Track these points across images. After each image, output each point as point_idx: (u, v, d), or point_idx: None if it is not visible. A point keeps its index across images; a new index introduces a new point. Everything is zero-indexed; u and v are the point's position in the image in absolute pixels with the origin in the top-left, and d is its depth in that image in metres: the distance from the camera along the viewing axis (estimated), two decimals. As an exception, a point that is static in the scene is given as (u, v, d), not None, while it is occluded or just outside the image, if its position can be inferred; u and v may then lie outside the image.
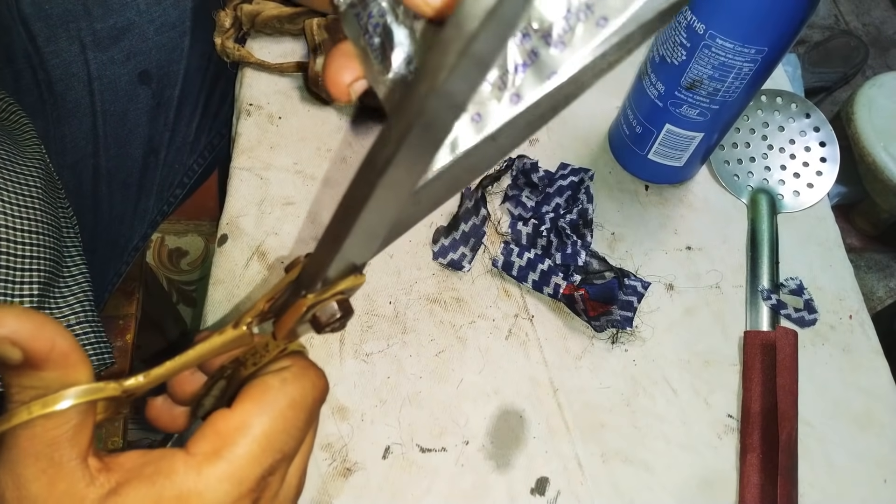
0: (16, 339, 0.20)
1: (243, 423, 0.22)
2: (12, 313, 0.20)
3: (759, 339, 0.45)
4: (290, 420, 0.23)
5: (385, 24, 0.22)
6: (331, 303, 0.23)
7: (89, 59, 0.52)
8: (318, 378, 0.24)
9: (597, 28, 0.17)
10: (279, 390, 0.23)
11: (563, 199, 0.49)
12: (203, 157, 0.60)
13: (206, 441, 0.22)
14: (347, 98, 0.24)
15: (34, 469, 0.20)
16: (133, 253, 0.59)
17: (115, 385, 0.22)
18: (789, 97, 0.54)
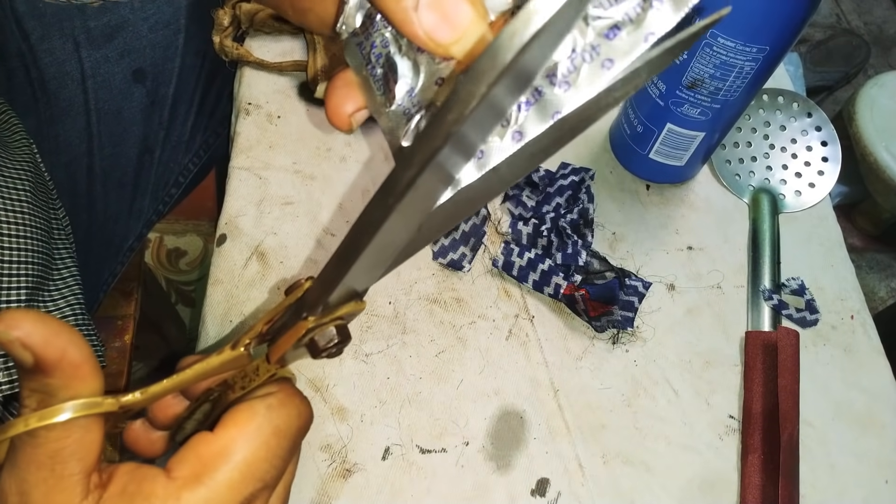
0: (28, 342, 0.20)
1: (225, 448, 0.22)
2: (29, 317, 0.20)
3: (760, 339, 0.45)
4: (273, 448, 0.22)
5: (388, 54, 0.22)
6: (329, 327, 0.22)
7: (83, 58, 0.51)
8: (303, 407, 0.24)
9: (602, 70, 0.17)
10: (264, 417, 0.22)
11: (564, 199, 0.49)
12: (198, 157, 0.60)
13: (186, 464, 0.21)
14: (349, 128, 0.24)
15: (36, 477, 0.20)
16: (128, 253, 0.59)
17: (112, 401, 0.22)
18: (791, 96, 0.53)
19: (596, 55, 0.17)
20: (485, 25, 0.19)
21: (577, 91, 0.18)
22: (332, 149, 0.51)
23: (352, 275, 0.20)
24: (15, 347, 0.20)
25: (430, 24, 0.19)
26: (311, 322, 0.22)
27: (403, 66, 0.22)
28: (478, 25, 0.19)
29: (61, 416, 0.20)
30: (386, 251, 0.20)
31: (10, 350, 0.20)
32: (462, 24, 0.19)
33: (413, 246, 0.22)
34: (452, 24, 0.19)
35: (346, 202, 0.49)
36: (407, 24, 0.19)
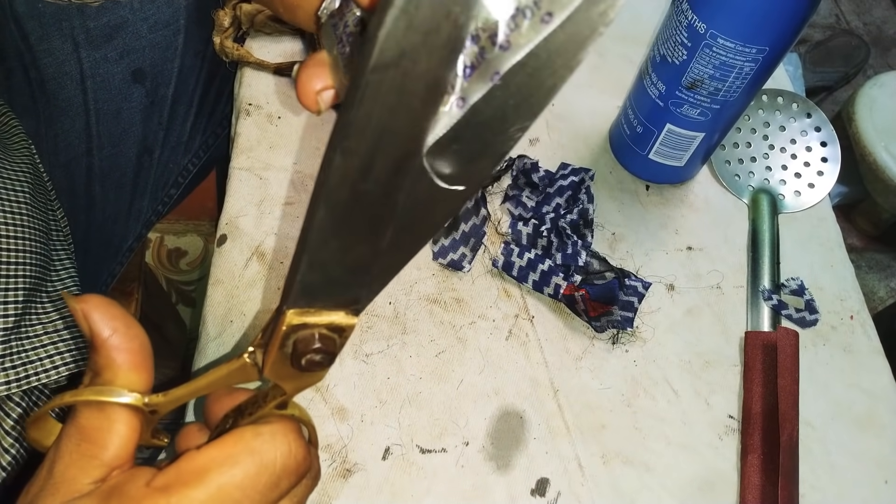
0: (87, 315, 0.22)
1: (201, 467, 0.21)
2: (97, 297, 0.23)
3: (760, 339, 0.45)
4: (251, 478, 0.22)
5: (357, 33, 0.22)
6: (313, 332, 0.21)
7: (82, 58, 0.51)
8: (296, 447, 0.23)
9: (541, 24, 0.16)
10: (248, 443, 0.22)
11: (564, 199, 0.49)
12: (198, 157, 0.60)
13: (165, 475, 0.21)
14: (316, 107, 0.24)
15: (65, 448, 0.22)
16: (128, 253, 0.58)
17: (138, 396, 0.22)
18: (790, 97, 0.54)
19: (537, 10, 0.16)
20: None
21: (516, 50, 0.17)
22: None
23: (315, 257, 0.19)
24: (78, 316, 0.22)
25: None
26: (290, 316, 0.20)
27: None
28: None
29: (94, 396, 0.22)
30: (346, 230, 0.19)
31: (76, 319, 0.23)
32: None
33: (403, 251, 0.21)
34: None
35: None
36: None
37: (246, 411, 0.24)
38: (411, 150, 0.17)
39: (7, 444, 0.38)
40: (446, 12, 0.15)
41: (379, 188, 0.18)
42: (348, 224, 0.18)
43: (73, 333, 0.43)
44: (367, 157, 0.17)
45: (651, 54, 0.46)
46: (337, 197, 0.17)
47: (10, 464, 0.38)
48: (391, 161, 0.17)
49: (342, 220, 0.18)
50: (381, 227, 0.19)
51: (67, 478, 0.21)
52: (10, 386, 0.38)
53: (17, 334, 0.39)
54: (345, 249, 0.19)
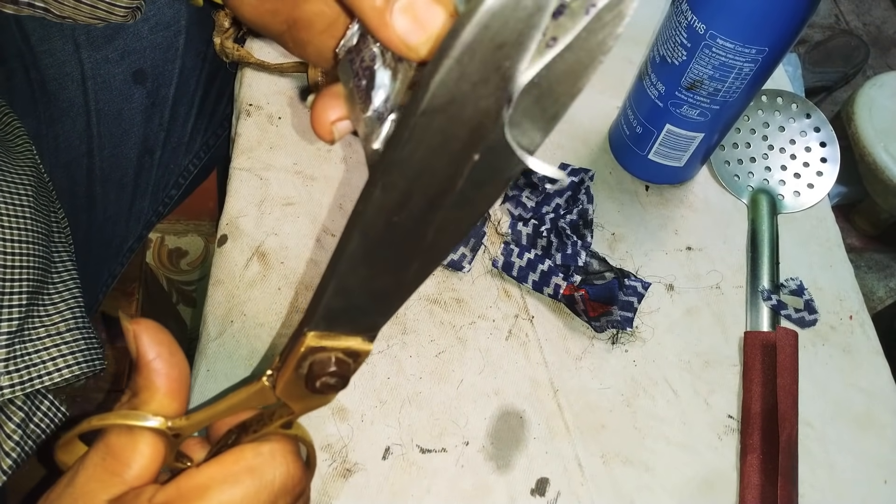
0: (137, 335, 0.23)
1: (204, 485, 0.22)
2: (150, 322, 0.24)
3: (759, 339, 0.45)
4: (249, 497, 0.22)
5: (372, 68, 0.23)
6: (330, 356, 0.22)
7: (83, 59, 0.51)
8: (294, 468, 0.23)
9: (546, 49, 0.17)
10: (249, 462, 0.22)
11: (564, 200, 0.49)
12: (199, 158, 0.60)
13: (165, 492, 0.22)
14: (330, 137, 0.24)
15: (90, 461, 0.23)
16: (128, 254, 0.59)
17: (161, 420, 0.23)
18: (790, 97, 0.54)
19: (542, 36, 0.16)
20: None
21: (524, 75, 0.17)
22: (332, 150, 0.51)
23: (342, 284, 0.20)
24: (129, 336, 0.24)
25: (402, 27, 0.19)
26: (309, 339, 0.21)
27: (383, 75, 0.22)
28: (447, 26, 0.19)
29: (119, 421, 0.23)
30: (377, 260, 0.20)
31: (127, 339, 0.24)
32: (432, 27, 0.19)
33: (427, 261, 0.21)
34: (424, 26, 0.19)
35: (347, 203, 0.49)
36: (382, 28, 0.20)
37: (250, 428, 0.24)
38: (447, 188, 0.18)
39: (8, 448, 0.38)
40: (497, 66, 0.15)
41: (412, 222, 0.18)
42: (379, 254, 0.19)
43: (74, 336, 0.43)
44: (406, 192, 0.17)
45: (651, 55, 0.46)
46: (372, 228, 0.18)
47: (11, 467, 0.38)
48: (427, 197, 0.18)
49: (374, 251, 0.19)
50: (409, 258, 0.20)
51: (87, 490, 0.22)
52: (14, 389, 0.38)
53: (20, 337, 0.39)
54: (371, 278, 0.20)
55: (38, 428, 0.40)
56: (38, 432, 0.40)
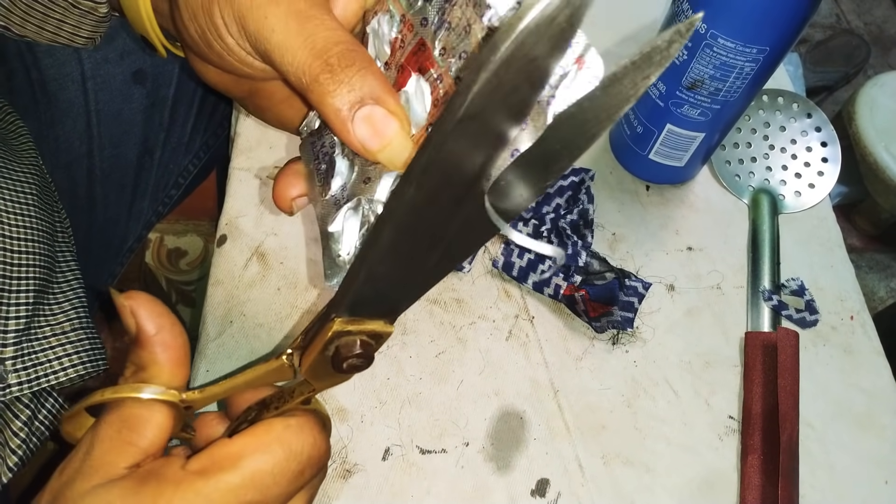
0: (135, 311, 0.24)
1: (235, 453, 0.23)
2: (144, 295, 0.24)
3: (760, 339, 0.45)
4: (280, 465, 0.23)
5: (332, 154, 0.26)
6: (355, 339, 0.23)
7: (83, 59, 0.51)
8: (320, 440, 0.25)
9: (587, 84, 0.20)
10: (279, 434, 0.24)
11: (564, 200, 0.49)
12: (198, 158, 0.60)
13: (198, 460, 0.23)
14: (290, 210, 0.28)
15: (105, 433, 0.23)
16: (128, 254, 0.59)
17: (175, 393, 0.24)
18: (791, 97, 0.53)
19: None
20: (407, 138, 0.23)
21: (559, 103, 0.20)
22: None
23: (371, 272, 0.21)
24: (125, 312, 0.24)
25: (362, 134, 0.23)
26: (337, 324, 0.23)
27: (342, 164, 0.25)
28: (401, 137, 0.23)
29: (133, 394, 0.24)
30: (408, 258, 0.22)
31: (122, 314, 0.24)
32: (388, 136, 0.23)
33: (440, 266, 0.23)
34: (380, 135, 0.23)
35: (347, 203, 0.49)
36: (344, 133, 0.23)
37: (272, 405, 0.26)
38: (473, 186, 0.20)
39: (14, 446, 0.39)
40: (528, 76, 0.17)
41: (440, 217, 0.20)
42: (408, 246, 0.21)
43: (79, 336, 0.43)
44: (437, 190, 0.19)
45: (651, 55, 0.46)
46: (405, 222, 0.20)
47: (17, 464, 0.38)
48: (454, 195, 0.20)
49: (404, 242, 0.21)
50: (434, 249, 0.21)
51: (106, 461, 0.23)
52: (21, 387, 0.39)
53: (27, 336, 0.40)
54: (399, 268, 0.22)
55: (42, 425, 0.41)
56: (42, 430, 0.41)
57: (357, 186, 0.25)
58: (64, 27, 0.39)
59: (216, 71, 0.29)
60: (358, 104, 0.23)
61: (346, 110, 0.23)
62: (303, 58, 0.23)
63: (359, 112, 0.23)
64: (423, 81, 0.24)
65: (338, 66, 0.23)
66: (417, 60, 0.24)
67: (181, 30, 0.27)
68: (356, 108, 0.23)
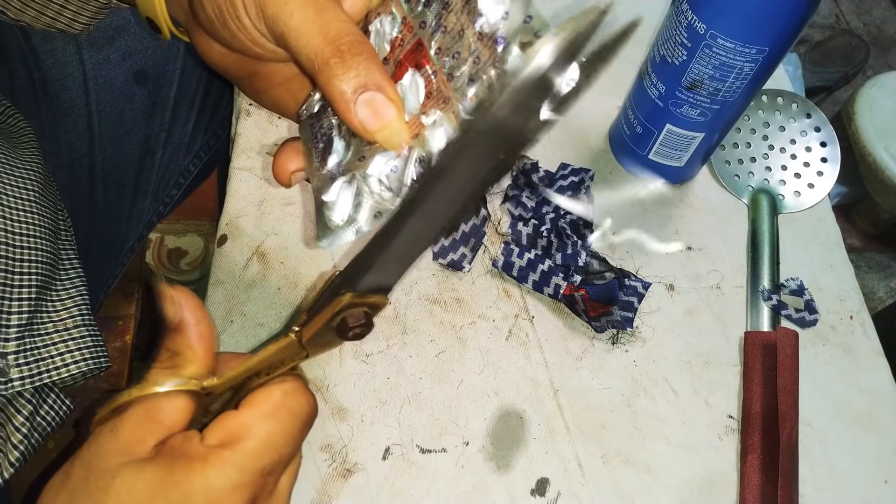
0: (180, 301, 0.26)
1: (248, 422, 0.26)
2: (185, 290, 0.27)
3: (759, 339, 0.45)
4: (288, 426, 0.26)
5: (330, 135, 0.29)
6: (359, 310, 0.27)
7: (84, 59, 0.51)
8: (311, 399, 0.28)
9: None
10: (281, 399, 0.26)
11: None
12: (199, 158, 0.60)
13: (214, 434, 0.25)
14: (288, 183, 0.31)
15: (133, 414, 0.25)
16: (129, 254, 0.59)
17: (196, 381, 0.26)
18: (790, 97, 0.54)
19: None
20: (402, 121, 0.26)
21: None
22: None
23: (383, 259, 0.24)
24: (169, 301, 0.26)
25: (363, 115, 0.26)
26: (347, 298, 0.26)
27: (339, 144, 0.29)
28: (398, 121, 0.26)
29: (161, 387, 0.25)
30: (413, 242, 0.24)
31: (166, 303, 0.26)
32: (386, 118, 0.26)
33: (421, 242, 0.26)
34: (379, 117, 0.26)
35: (347, 203, 0.49)
36: (346, 112, 0.26)
37: (262, 373, 0.28)
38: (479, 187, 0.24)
39: (16, 441, 0.39)
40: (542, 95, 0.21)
41: (454, 208, 0.23)
42: (423, 234, 0.24)
43: (81, 333, 0.43)
44: (455, 187, 0.23)
45: (651, 55, 0.46)
46: (429, 212, 0.23)
47: (18, 460, 0.38)
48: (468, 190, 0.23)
49: (422, 230, 0.24)
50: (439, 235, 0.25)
51: (134, 438, 0.25)
52: (24, 382, 0.39)
53: (29, 331, 0.40)
54: (409, 253, 0.25)
55: (44, 421, 0.41)
56: (44, 425, 0.41)
57: (352, 163, 0.28)
58: (64, 13, 0.40)
59: (221, 51, 0.31)
60: (362, 88, 0.26)
61: (350, 93, 0.26)
62: (317, 42, 0.26)
63: (362, 96, 0.26)
64: (418, 76, 0.27)
65: (347, 53, 0.26)
66: (415, 58, 0.27)
67: (196, 8, 0.29)
68: (360, 91, 0.26)
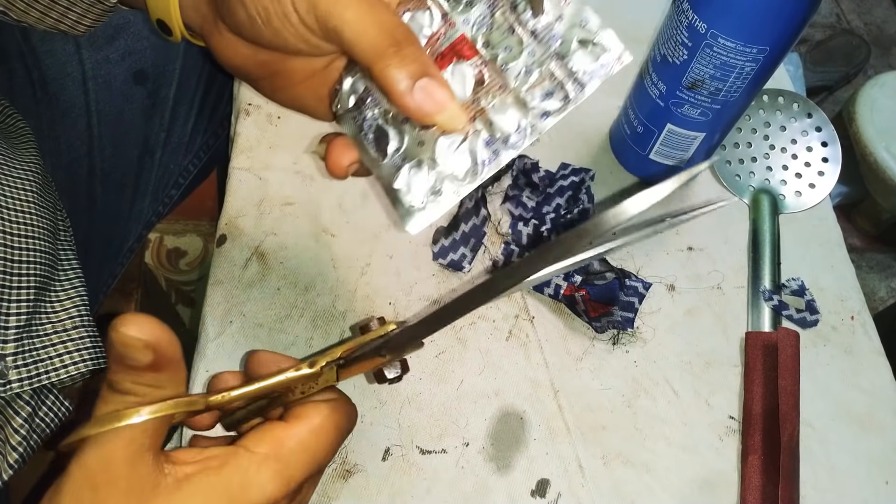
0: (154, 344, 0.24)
1: (299, 436, 0.27)
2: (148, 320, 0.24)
3: (760, 339, 0.45)
4: (333, 441, 0.28)
5: (378, 125, 0.31)
6: (395, 362, 0.29)
7: (84, 59, 0.51)
8: (353, 411, 0.30)
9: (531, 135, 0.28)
10: (329, 416, 0.28)
11: (564, 200, 0.49)
12: (198, 158, 0.60)
13: (264, 444, 0.27)
14: (345, 175, 0.32)
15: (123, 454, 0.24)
16: (128, 254, 0.58)
17: (202, 399, 0.27)
18: (791, 97, 0.53)
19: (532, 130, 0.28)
20: (458, 105, 0.28)
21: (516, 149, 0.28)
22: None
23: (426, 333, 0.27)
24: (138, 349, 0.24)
25: (420, 99, 0.28)
26: (387, 359, 0.28)
27: (391, 132, 0.31)
28: (456, 104, 0.28)
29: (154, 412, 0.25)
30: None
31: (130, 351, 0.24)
32: (443, 103, 0.28)
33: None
34: (436, 101, 0.28)
35: (346, 203, 0.49)
36: (404, 98, 0.28)
37: (297, 389, 0.29)
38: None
39: (15, 442, 0.39)
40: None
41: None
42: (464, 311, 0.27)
43: (80, 334, 0.43)
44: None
45: (651, 54, 0.46)
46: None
47: (18, 461, 0.38)
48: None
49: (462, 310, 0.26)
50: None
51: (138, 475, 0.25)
52: (22, 383, 0.39)
53: (27, 332, 0.40)
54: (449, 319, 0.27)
55: (42, 423, 0.41)
56: (42, 427, 0.41)
57: (413, 149, 0.30)
58: (69, 15, 0.40)
59: (245, 52, 0.32)
60: (418, 75, 0.28)
61: (408, 80, 0.27)
62: (373, 34, 0.28)
63: (419, 82, 0.28)
64: (464, 66, 0.29)
65: (404, 43, 0.28)
66: (458, 50, 0.30)
67: (234, 8, 0.30)
68: (416, 78, 0.27)
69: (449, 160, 0.29)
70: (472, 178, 0.28)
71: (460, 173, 0.29)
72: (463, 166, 0.29)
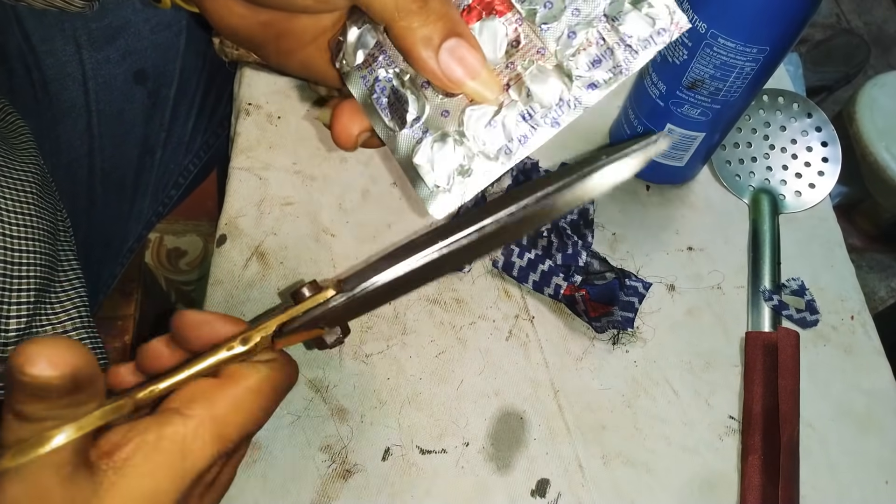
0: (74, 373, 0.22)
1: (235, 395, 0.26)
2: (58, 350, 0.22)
3: (760, 339, 0.45)
4: (271, 400, 0.27)
5: (392, 87, 0.27)
6: (335, 333, 0.28)
7: (84, 59, 0.51)
8: (293, 371, 0.29)
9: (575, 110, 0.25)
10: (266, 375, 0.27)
11: (564, 200, 0.49)
12: (199, 158, 0.60)
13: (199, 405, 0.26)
14: (354, 146, 0.28)
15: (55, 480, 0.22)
16: (128, 254, 0.59)
17: (129, 401, 0.25)
18: (791, 97, 0.53)
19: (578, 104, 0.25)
20: (491, 72, 0.25)
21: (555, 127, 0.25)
22: (332, 149, 0.51)
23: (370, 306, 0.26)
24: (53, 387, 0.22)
25: (447, 65, 0.24)
26: (326, 330, 0.28)
27: (410, 98, 0.27)
28: (488, 70, 0.25)
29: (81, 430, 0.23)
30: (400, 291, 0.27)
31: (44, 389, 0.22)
32: (475, 68, 0.24)
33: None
34: (467, 66, 0.24)
35: (347, 202, 0.49)
36: (428, 62, 0.24)
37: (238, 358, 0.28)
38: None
39: None
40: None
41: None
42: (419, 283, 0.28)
43: (80, 335, 0.43)
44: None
45: (651, 54, 0.46)
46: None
47: None
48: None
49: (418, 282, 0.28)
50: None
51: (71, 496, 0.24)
52: None
53: (28, 334, 0.40)
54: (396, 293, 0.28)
55: None
56: None
57: (435, 119, 0.26)
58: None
59: (243, 12, 0.29)
60: (446, 35, 0.24)
61: (433, 41, 0.24)
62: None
63: (446, 43, 0.24)
64: (497, 21, 0.25)
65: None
66: (489, 4, 0.26)
67: None
68: (443, 38, 0.24)
69: (479, 135, 0.25)
70: (507, 158, 0.25)
71: (492, 151, 0.25)
72: (495, 143, 0.25)
